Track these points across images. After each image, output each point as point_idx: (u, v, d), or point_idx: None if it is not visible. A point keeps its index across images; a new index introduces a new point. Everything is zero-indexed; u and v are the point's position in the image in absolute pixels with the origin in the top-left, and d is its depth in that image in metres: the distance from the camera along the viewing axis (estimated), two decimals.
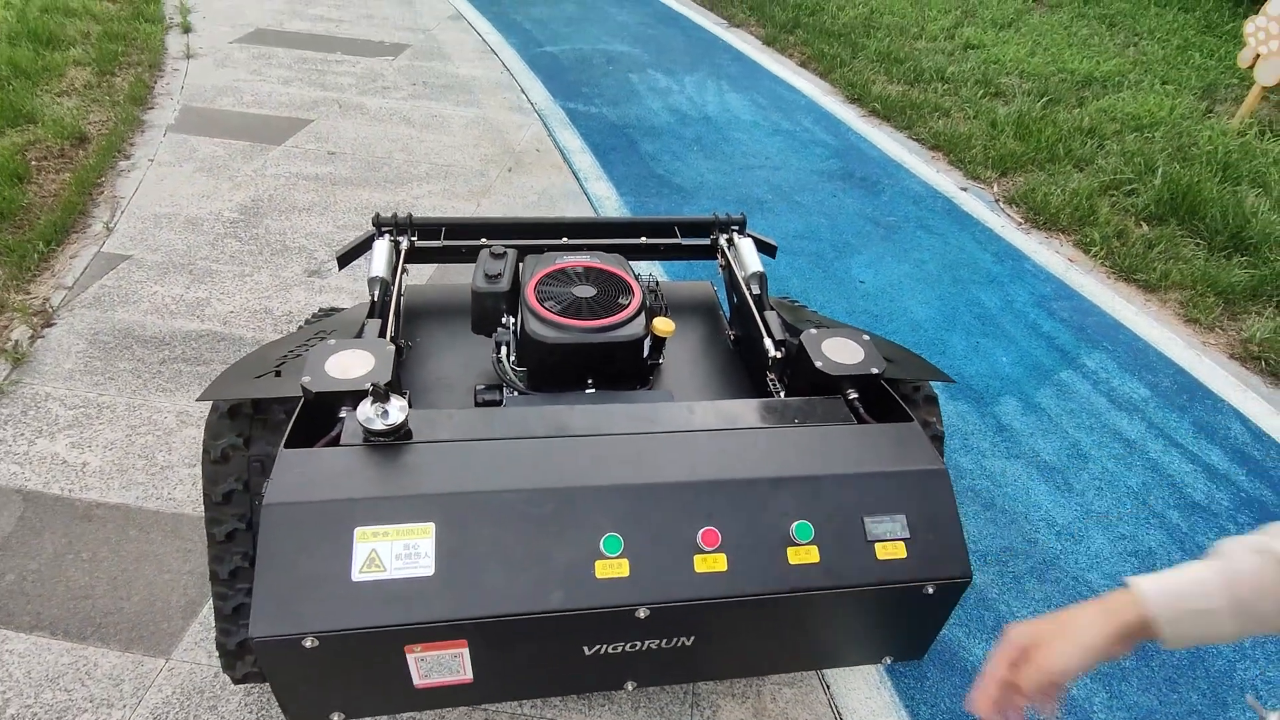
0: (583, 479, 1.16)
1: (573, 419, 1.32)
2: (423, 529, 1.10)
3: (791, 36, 5.96)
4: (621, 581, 1.11)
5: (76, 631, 1.65)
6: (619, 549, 1.12)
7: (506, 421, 1.31)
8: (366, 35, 5.50)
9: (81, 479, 2.00)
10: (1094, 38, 5.91)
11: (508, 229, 2.13)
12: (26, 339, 2.45)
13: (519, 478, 1.16)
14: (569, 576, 1.10)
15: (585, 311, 1.60)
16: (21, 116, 3.67)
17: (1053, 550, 2.07)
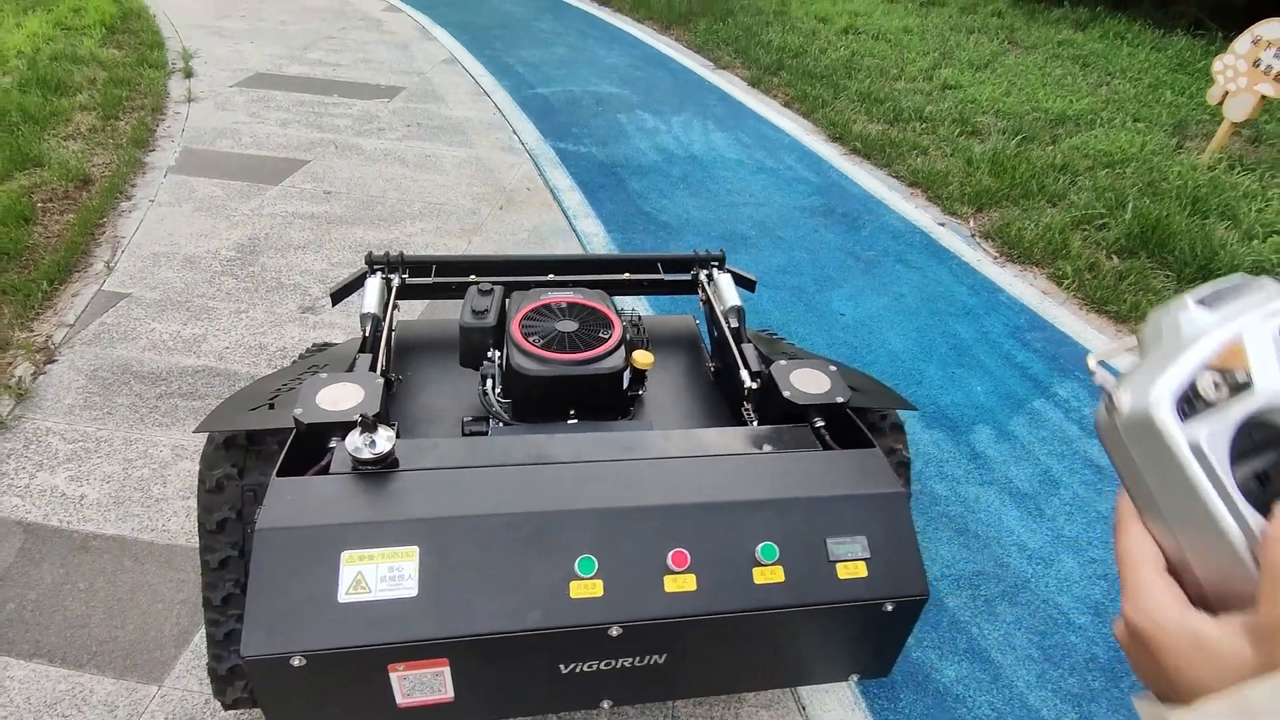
0: (559, 504, 1.23)
1: (552, 447, 1.39)
2: (407, 552, 1.16)
3: (775, 78, 6.16)
4: (595, 601, 1.17)
5: (73, 659, 1.70)
6: (593, 570, 1.18)
7: (489, 450, 1.38)
8: (363, 79, 5.67)
9: (79, 511, 2.05)
10: (1067, 77, 6.12)
11: (496, 266, 2.21)
12: (29, 375, 2.52)
13: (498, 503, 1.23)
14: (545, 597, 1.16)
15: (567, 345, 1.68)
16: (29, 160, 3.78)
17: (1024, 574, 2.13)
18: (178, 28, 6.65)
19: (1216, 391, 0.39)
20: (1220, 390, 0.39)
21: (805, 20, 7.72)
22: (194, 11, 7.14)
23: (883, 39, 7.16)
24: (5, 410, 2.34)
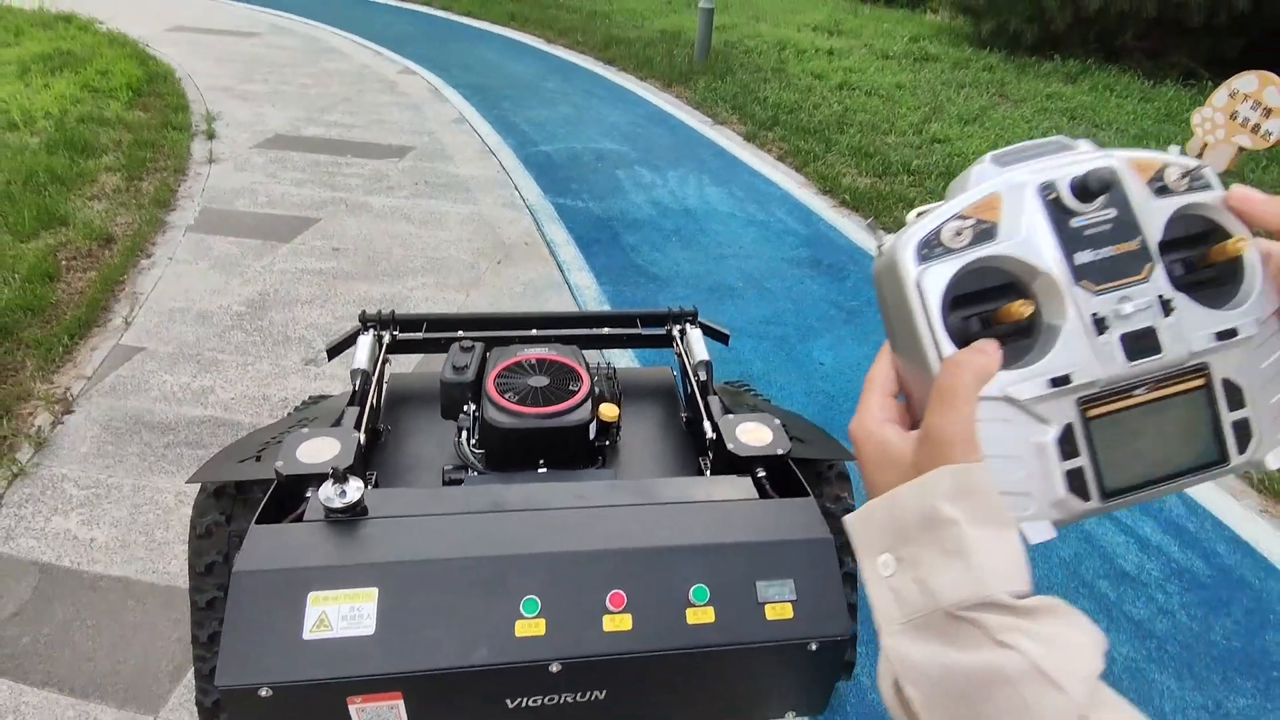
0: (509, 548, 1.36)
1: (509, 495, 1.52)
2: (366, 593, 1.29)
3: (770, 133, 6.40)
4: (538, 639, 1.29)
5: (81, 689, 1.83)
6: (536, 610, 1.30)
7: (453, 499, 1.52)
8: (376, 139, 5.97)
9: (89, 553, 2.20)
10: (1053, 130, 6.30)
11: (482, 322, 2.37)
12: (49, 425, 2.70)
13: (454, 548, 1.36)
14: (492, 635, 1.28)
15: (538, 399, 1.82)
16: (55, 220, 4.04)
17: None
18: (203, 91, 7.03)
19: (957, 238, 0.43)
20: (961, 237, 0.43)
21: (802, 77, 8.01)
22: (220, 75, 7.54)
23: (876, 94, 7.41)
24: (25, 458, 2.51)
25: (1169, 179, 0.45)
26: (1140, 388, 0.44)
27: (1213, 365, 0.45)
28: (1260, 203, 0.45)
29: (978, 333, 0.44)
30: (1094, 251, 0.44)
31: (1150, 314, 0.43)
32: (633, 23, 10.29)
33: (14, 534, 2.22)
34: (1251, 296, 0.45)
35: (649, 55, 8.57)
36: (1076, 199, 0.44)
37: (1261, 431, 0.45)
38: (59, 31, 7.96)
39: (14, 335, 3.09)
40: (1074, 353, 0.43)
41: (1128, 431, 0.44)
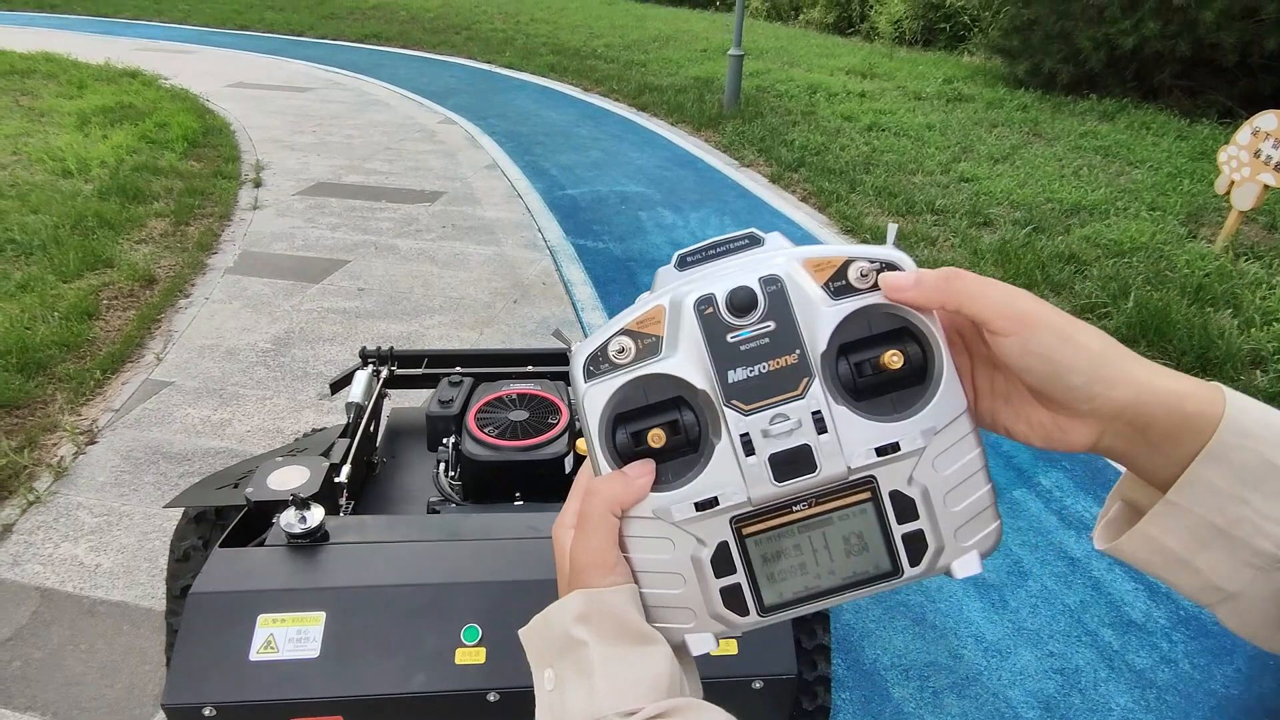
0: (454, 576, 1.37)
1: (466, 525, 1.54)
2: (314, 617, 1.31)
3: (795, 174, 6.44)
4: (478, 667, 1.29)
5: (65, 714, 1.88)
6: (477, 638, 1.31)
7: (412, 527, 1.54)
8: (410, 185, 6.20)
9: (93, 579, 2.28)
10: (1085, 168, 6.20)
11: (480, 358, 2.42)
12: (71, 455, 2.83)
13: (403, 574, 1.38)
14: (432, 662, 1.29)
15: (516, 433, 1.84)
16: (100, 262, 4.29)
17: (977, 666, 2.12)
18: (255, 142, 7.42)
19: (621, 355, 0.43)
20: (625, 354, 0.43)
21: (831, 119, 8.07)
22: (272, 128, 7.96)
23: (905, 135, 7.42)
24: (43, 487, 2.64)
25: (852, 277, 0.43)
26: (801, 503, 0.43)
27: (880, 478, 0.43)
28: (909, 289, 0.41)
29: (640, 450, 0.44)
30: (747, 369, 0.42)
31: (804, 433, 0.42)
32: (667, 71, 10.54)
33: (21, 560, 2.32)
34: (930, 403, 0.43)
35: (680, 101, 8.75)
36: (732, 313, 0.43)
37: (941, 540, 0.43)
38: (122, 86, 8.53)
39: (47, 370, 3.27)
40: (723, 474, 0.43)
41: (785, 548, 0.44)
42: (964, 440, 0.43)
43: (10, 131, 6.67)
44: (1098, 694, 2.04)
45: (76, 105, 7.47)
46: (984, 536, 0.44)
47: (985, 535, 0.44)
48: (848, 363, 0.43)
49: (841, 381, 0.43)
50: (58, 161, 5.84)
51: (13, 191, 5.25)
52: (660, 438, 0.43)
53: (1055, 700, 2.01)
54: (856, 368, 0.43)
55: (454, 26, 14.17)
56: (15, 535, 2.43)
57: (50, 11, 16.34)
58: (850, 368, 0.43)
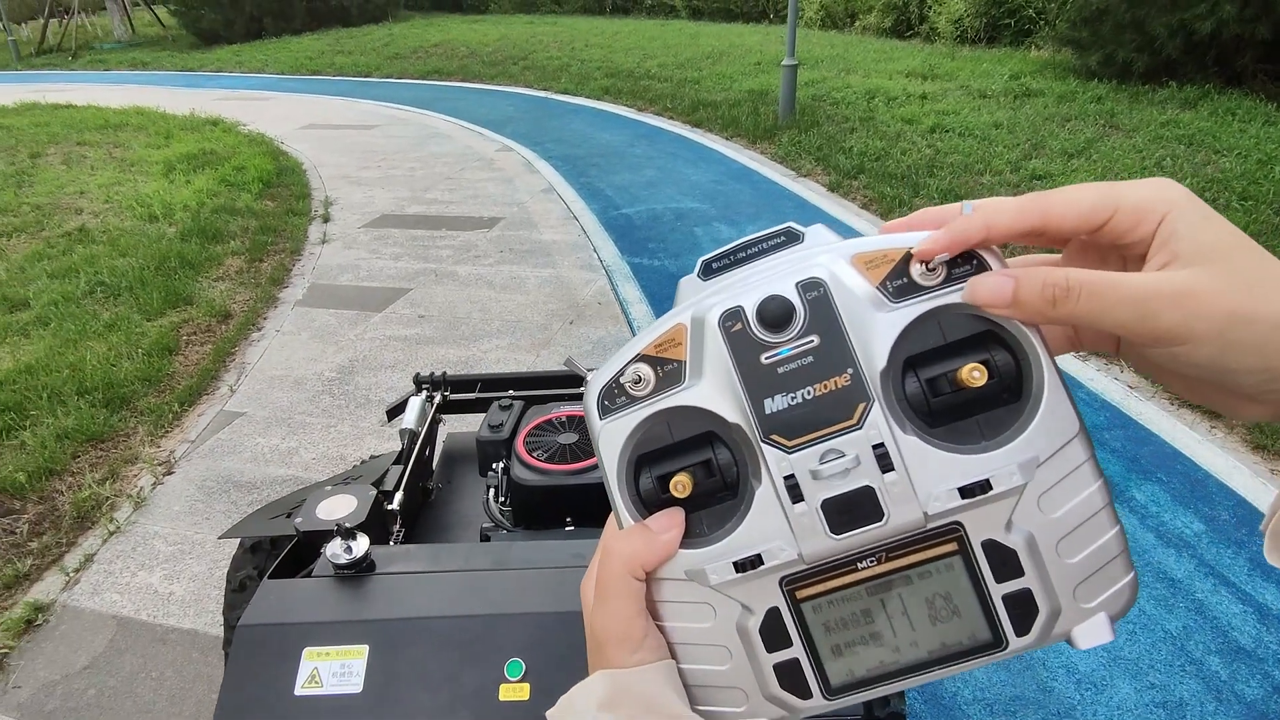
0: (498, 608, 1.33)
1: (511, 554, 1.50)
2: (357, 650, 1.29)
3: (854, 182, 6.28)
4: (521, 704, 1.24)
5: None
6: (520, 673, 1.26)
7: (456, 556, 1.51)
8: (469, 212, 6.32)
9: (166, 607, 2.35)
10: (1168, 159, 5.83)
11: (532, 381, 2.40)
12: (150, 486, 2.95)
13: (445, 606, 1.34)
14: (474, 698, 1.25)
15: (565, 456, 1.80)
16: (181, 300, 4.50)
17: (1069, 700, 1.95)
18: (325, 179, 7.73)
19: (638, 385, 0.36)
20: (643, 384, 0.36)
21: (891, 124, 7.86)
22: (340, 165, 8.29)
23: (970, 135, 7.15)
24: (123, 517, 2.75)
25: (915, 272, 0.34)
26: (868, 559, 0.35)
27: (968, 525, 0.34)
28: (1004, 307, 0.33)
29: (668, 498, 0.36)
30: (788, 396, 0.34)
31: (863, 471, 0.34)
32: (721, 86, 10.51)
33: (100, 589, 2.42)
34: (1029, 427, 0.34)
35: (735, 115, 8.70)
36: (765, 328, 0.35)
37: (1056, 601, 0.34)
38: (205, 134, 9.04)
39: (130, 404, 3.43)
40: (767, 525, 0.35)
41: (852, 614, 0.35)
42: (1078, 471, 0.34)
43: (104, 181, 7.14)
44: None
45: (163, 154, 7.94)
46: (1113, 595, 0.35)
47: (1115, 593, 0.35)
48: (917, 380, 0.35)
49: (910, 404, 0.35)
50: (145, 207, 6.20)
51: (104, 237, 5.60)
52: (686, 485, 0.36)
53: None
54: (929, 385, 0.34)
55: (511, 58, 14.53)
56: (96, 564, 2.53)
57: (142, 69, 17.56)
58: (921, 386, 0.35)
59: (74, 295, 4.55)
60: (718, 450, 0.36)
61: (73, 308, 4.39)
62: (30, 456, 3.05)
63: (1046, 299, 0.31)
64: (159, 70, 17.29)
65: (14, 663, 2.18)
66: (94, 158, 8.20)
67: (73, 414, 3.32)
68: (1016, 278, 0.32)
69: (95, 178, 7.33)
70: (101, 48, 21.05)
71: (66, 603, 2.40)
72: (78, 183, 7.18)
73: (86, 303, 4.50)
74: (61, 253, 5.33)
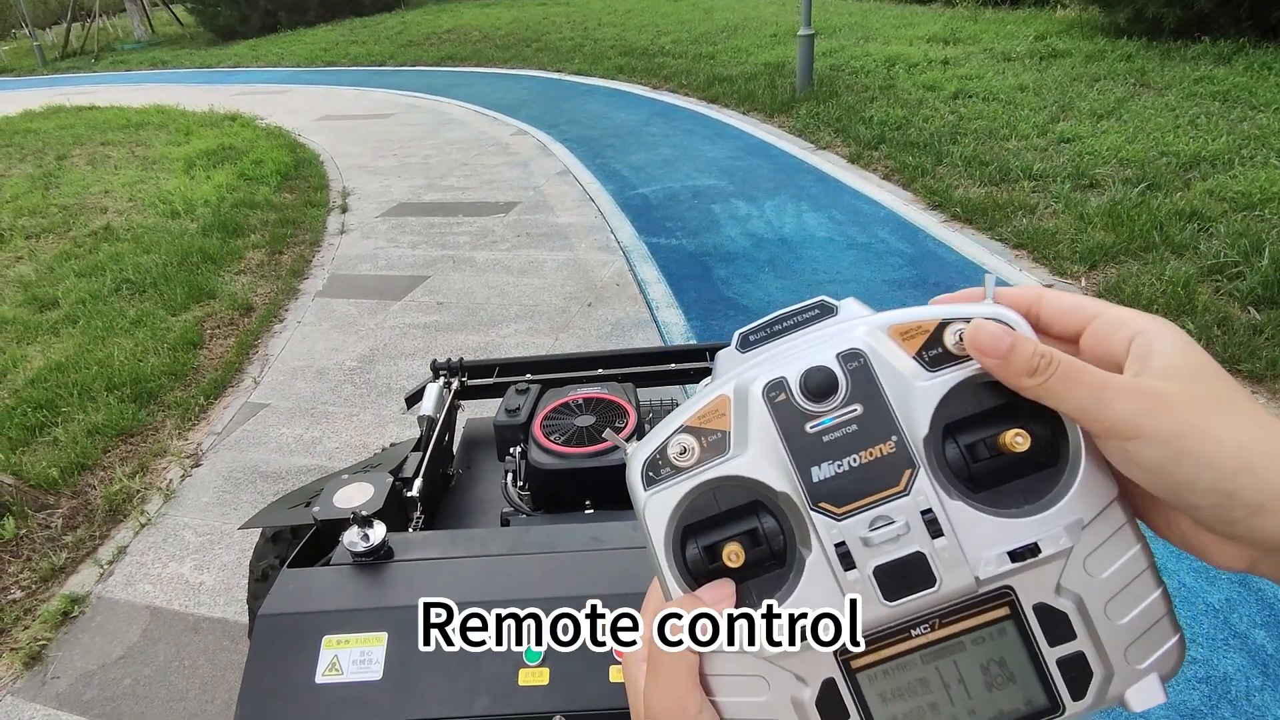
0: (517, 592, 1.32)
1: (528, 539, 1.49)
2: (376, 638, 1.29)
3: (876, 152, 6.15)
4: (541, 689, 1.23)
5: None
6: (539, 658, 1.25)
7: (474, 542, 1.50)
8: (485, 198, 6.31)
9: (196, 596, 2.38)
10: (1203, 116, 5.61)
11: (550, 365, 2.38)
12: (179, 479, 2.99)
13: (465, 592, 1.33)
14: (494, 684, 1.24)
15: (583, 439, 1.78)
16: (204, 294, 4.55)
17: None
18: (342, 170, 7.76)
19: (683, 456, 0.37)
20: (688, 454, 0.37)
21: (913, 91, 7.68)
22: (356, 155, 8.31)
23: (994, 100, 6.96)
24: (154, 509, 2.79)
25: (949, 343, 0.35)
26: (921, 625, 0.35)
27: (1018, 589, 0.34)
28: (996, 363, 0.33)
29: (715, 568, 0.36)
30: (835, 464, 0.35)
31: (914, 537, 0.34)
32: (736, 60, 10.34)
33: (134, 580, 2.46)
34: (1072, 489, 0.34)
35: (751, 89, 8.56)
36: (809, 398, 0.36)
37: (1109, 664, 0.34)
38: (224, 129, 9.11)
39: (158, 398, 3.48)
40: (819, 593, 0.35)
41: (909, 683, 0.35)
42: (1120, 533, 0.34)
43: (127, 180, 7.23)
44: (1251, 705, 1.78)
45: (183, 151, 8.02)
46: (1163, 655, 0.35)
47: (1165, 653, 0.35)
48: (957, 446, 0.36)
49: (953, 470, 0.35)
50: (167, 204, 6.27)
51: (128, 235, 5.67)
52: (739, 554, 0.36)
53: (1201, 713, 1.77)
54: (969, 451, 0.35)
55: (524, 40, 14.43)
56: (129, 556, 2.58)
57: (162, 68, 17.74)
58: (961, 452, 0.35)
59: (101, 293, 4.62)
60: (764, 519, 0.37)
61: (100, 305, 4.46)
62: (62, 452, 3.11)
63: (1030, 365, 0.33)
64: (178, 68, 17.45)
65: (52, 654, 2.23)
66: (117, 157, 8.30)
67: (102, 409, 3.37)
68: (1015, 337, 0.33)
69: (119, 177, 7.42)
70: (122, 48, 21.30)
71: (101, 594, 2.44)
72: (102, 182, 7.29)
73: (113, 300, 4.56)
74: (88, 252, 5.41)
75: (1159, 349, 0.32)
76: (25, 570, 2.54)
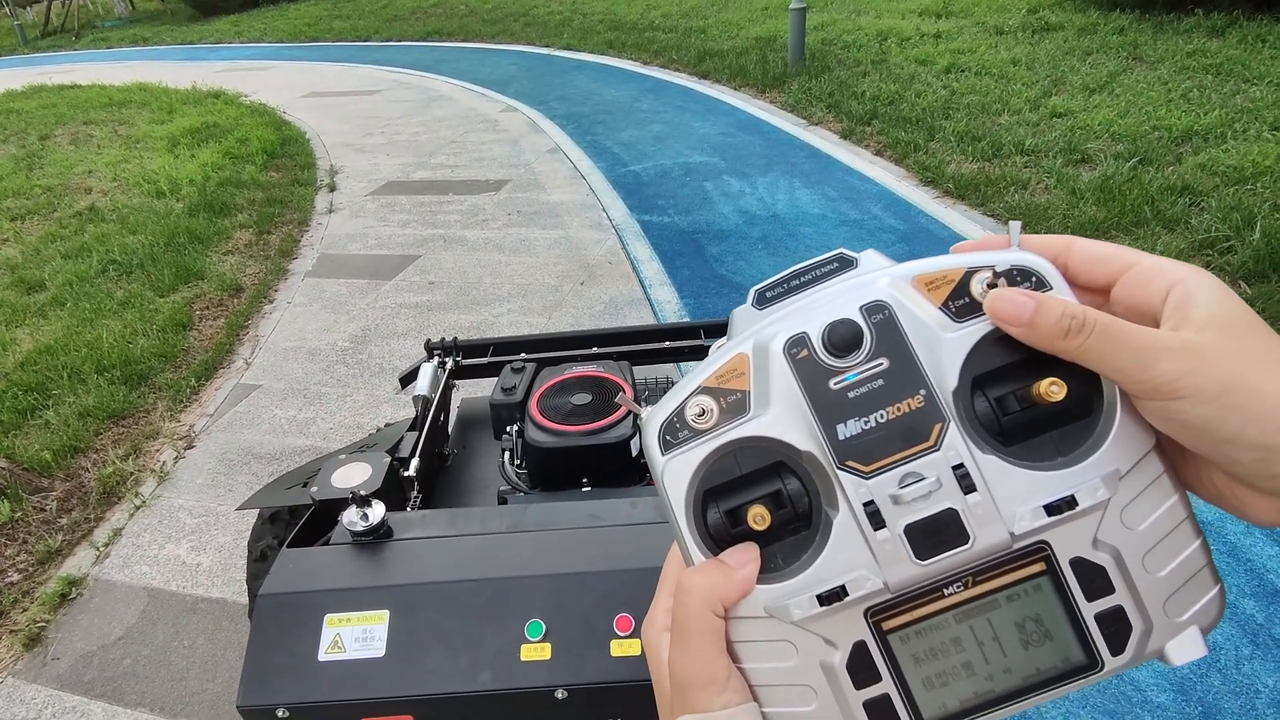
0: (516, 569, 1.33)
1: (527, 516, 1.49)
2: (378, 616, 1.29)
3: (868, 128, 6.11)
4: (543, 664, 1.24)
5: (170, 708, 1.97)
6: (541, 633, 1.26)
7: (473, 520, 1.51)
8: (475, 176, 6.24)
9: (194, 577, 2.39)
10: (1195, 90, 5.60)
11: (545, 343, 2.38)
12: (172, 460, 2.98)
13: (465, 569, 1.34)
14: (496, 658, 1.25)
15: (578, 417, 1.79)
16: (192, 275, 4.50)
17: None
18: (329, 148, 7.65)
19: (702, 418, 0.35)
20: (706, 416, 0.35)
21: (905, 65, 7.62)
22: (343, 133, 8.20)
23: (986, 74, 6.92)
24: (148, 492, 2.78)
25: (976, 292, 0.34)
26: (954, 584, 0.34)
27: (1054, 543, 0.33)
28: (1021, 327, 0.33)
29: (739, 532, 0.35)
30: (861, 420, 0.34)
31: (945, 494, 0.33)
32: (727, 34, 10.23)
33: (130, 561, 2.46)
34: (1108, 439, 0.33)
35: (742, 64, 8.47)
36: (832, 353, 0.34)
37: (1149, 617, 0.33)
38: (207, 107, 8.96)
39: (149, 380, 3.46)
40: (848, 555, 0.34)
41: (942, 643, 0.35)
42: (1158, 483, 0.34)
43: (110, 160, 7.12)
44: (1240, 674, 1.82)
45: (167, 129, 7.89)
46: (1204, 607, 0.34)
47: (1205, 605, 0.34)
48: (986, 399, 0.34)
49: (983, 423, 0.34)
50: (152, 184, 6.19)
51: (114, 216, 5.60)
52: (764, 516, 0.35)
53: (1191, 682, 1.81)
54: (999, 404, 0.34)
55: (511, 14, 14.21)
56: (124, 539, 2.57)
57: (144, 45, 17.40)
58: (991, 405, 0.34)
59: (88, 275, 4.57)
60: (787, 480, 0.36)
61: (87, 287, 4.41)
62: (55, 435, 3.09)
63: (1062, 328, 0.32)
64: (160, 45, 17.12)
65: (52, 635, 2.23)
66: (100, 136, 8.17)
67: (93, 392, 3.35)
68: (1040, 300, 0.32)
69: (102, 156, 7.31)
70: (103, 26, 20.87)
71: (99, 576, 2.44)
72: (86, 162, 7.17)
73: (100, 281, 4.51)
74: (74, 233, 5.34)
75: (1199, 299, 0.31)
76: (22, 553, 2.54)
